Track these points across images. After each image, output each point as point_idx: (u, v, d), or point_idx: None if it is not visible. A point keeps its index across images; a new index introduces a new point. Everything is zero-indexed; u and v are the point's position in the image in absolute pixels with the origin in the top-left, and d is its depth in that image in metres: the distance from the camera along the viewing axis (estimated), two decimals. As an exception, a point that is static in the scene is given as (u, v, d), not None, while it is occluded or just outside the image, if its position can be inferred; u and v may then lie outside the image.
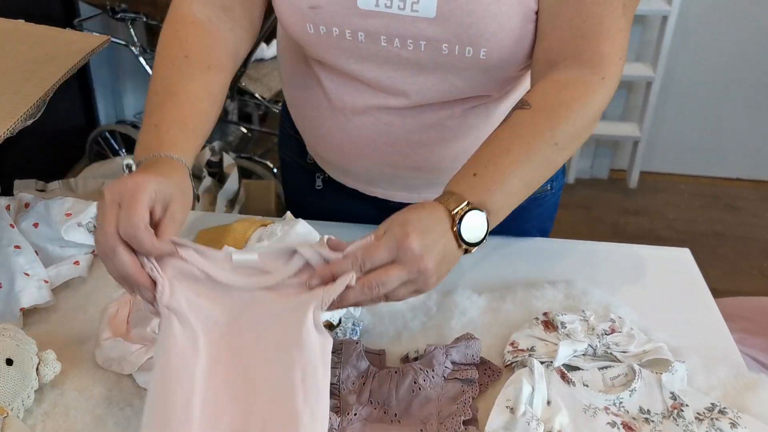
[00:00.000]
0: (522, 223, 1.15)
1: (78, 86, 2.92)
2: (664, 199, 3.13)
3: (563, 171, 1.16)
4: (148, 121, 0.87)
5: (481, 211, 0.80)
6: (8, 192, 1.21)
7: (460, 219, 0.78)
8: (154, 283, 0.74)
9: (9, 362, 0.80)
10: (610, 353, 0.91)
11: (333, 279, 0.75)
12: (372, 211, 1.14)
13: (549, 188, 1.16)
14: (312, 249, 0.76)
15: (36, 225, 1.05)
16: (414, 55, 0.92)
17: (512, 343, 0.93)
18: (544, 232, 1.22)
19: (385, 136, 1.02)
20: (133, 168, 0.81)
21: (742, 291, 2.45)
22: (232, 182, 2.10)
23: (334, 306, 0.75)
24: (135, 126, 2.70)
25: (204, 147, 1.95)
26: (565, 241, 1.17)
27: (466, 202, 0.79)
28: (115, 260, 0.73)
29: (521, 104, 0.86)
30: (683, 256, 1.15)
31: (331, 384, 0.85)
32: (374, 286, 0.73)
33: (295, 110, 1.14)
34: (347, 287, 0.73)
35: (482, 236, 0.80)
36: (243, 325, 0.76)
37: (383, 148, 1.03)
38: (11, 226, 1.05)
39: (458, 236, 0.79)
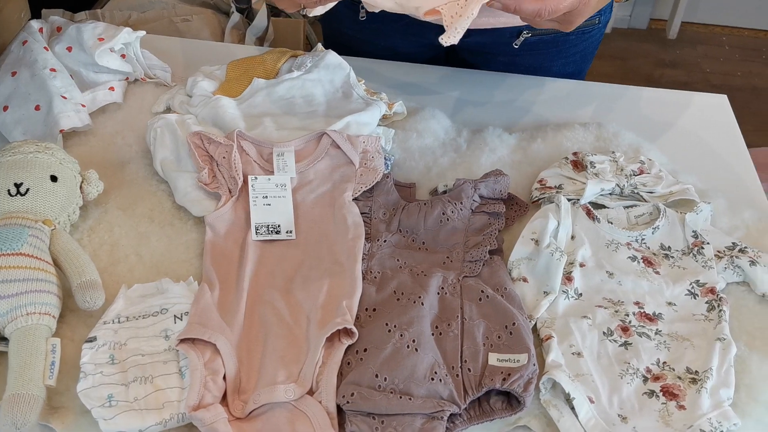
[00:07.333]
0: (566, 56, 1.14)
1: None
2: (703, 51, 3.02)
3: (610, 7, 1.12)
4: None
5: None
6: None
7: None
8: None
9: (53, 179, 0.83)
10: (637, 193, 0.92)
11: None
12: (413, 48, 1.12)
13: (597, 21, 1.13)
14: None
15: (69, 49, 1.04)
16: None
17: (540, 181, 0.94)
18: (580, 73, 1.20)
19: None
20: None
21: (773, 147, 2.41)
22: (261, 19, 2.05)
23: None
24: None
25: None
26: (598, 84, 1.15)
27: None
28: None
29: None
30: (719, 101, 1.13)
31: (363, 213, 0.89)
32: None
33: None
34: None
35: None
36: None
37: None
38: (45, 48, 1.04)
39: None
